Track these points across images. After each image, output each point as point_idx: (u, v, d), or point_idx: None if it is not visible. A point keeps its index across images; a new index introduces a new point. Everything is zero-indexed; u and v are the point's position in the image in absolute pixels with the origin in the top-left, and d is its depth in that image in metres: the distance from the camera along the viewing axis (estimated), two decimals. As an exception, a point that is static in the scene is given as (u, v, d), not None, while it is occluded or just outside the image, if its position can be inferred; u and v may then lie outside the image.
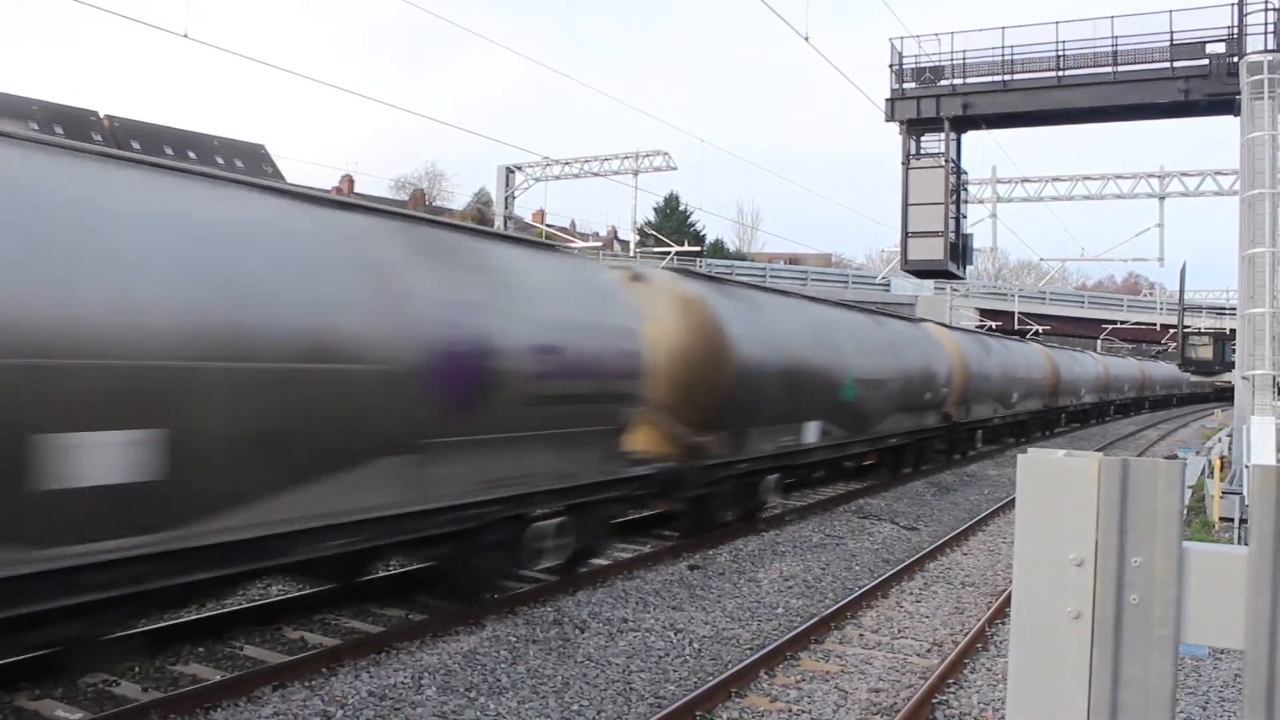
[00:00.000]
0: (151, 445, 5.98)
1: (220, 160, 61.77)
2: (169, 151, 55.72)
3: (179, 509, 6.25)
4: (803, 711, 7.57)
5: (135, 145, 55.94)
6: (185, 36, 17.76)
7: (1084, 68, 24.25)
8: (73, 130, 52.46)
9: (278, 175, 63.83)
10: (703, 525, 13.65)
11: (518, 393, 9.02)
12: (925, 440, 22.93)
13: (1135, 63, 23.74)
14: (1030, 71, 24.82)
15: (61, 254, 5.68)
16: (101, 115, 59.76)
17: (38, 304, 5.47)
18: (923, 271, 28.12)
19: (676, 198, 76.19)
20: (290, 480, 6.94)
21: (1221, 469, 16.74)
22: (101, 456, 5.74)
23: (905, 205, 25.78)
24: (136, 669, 7.82)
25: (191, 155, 58.39)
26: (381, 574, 10.52)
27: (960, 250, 26.66)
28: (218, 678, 7.60)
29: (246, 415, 6.52)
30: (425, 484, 8.15)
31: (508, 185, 36.68)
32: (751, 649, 9.03)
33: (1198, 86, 22.67)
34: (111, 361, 5.77)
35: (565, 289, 10.37)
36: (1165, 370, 68.65)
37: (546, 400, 9.47)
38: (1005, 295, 70.36)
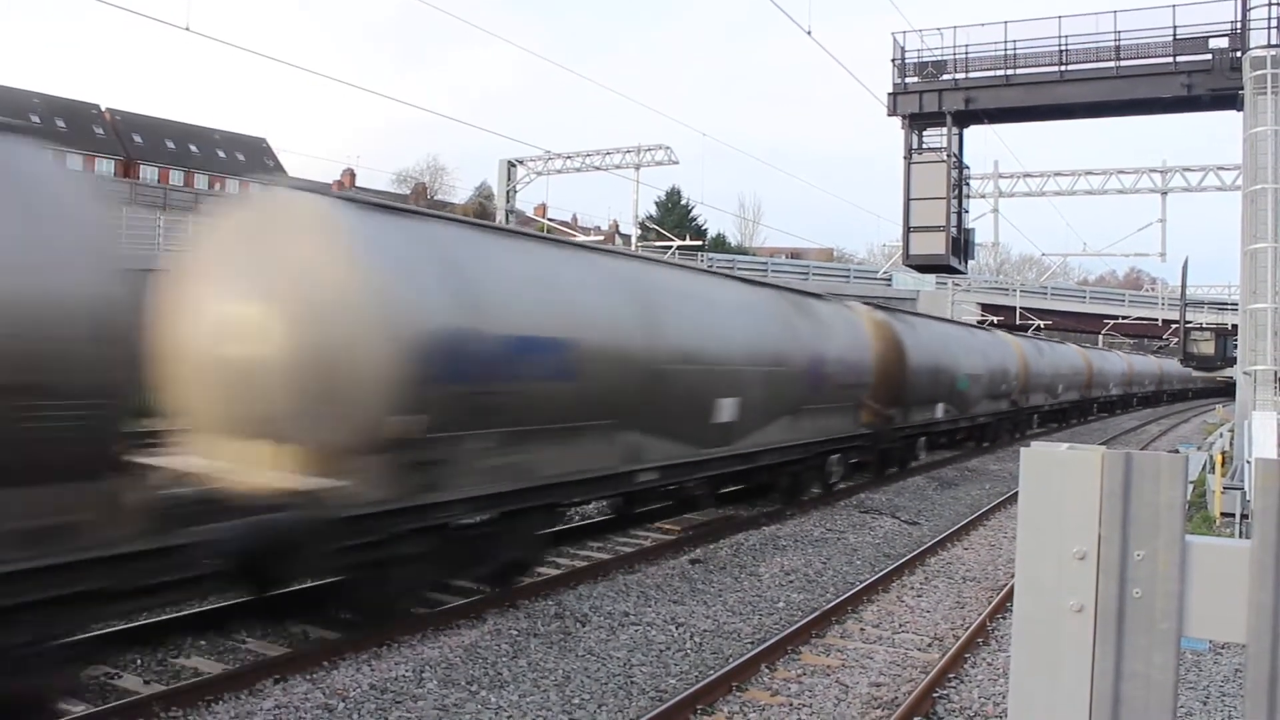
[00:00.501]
0: (737, 405, 13.22)
1: (222, 154, 61.74)
2: (170, 145, 55.68)
3: (740, 434, 13.67)
4: (803, 706, 7.58)
5: (137, 139, 55.94)
6: (187, 29, 17.76)
7: (1087, 62, 24.19)
8: (74, 124, 52.50)
9: (279, 169, 63.80)
10: (884, 467, 20.76)
11: (831, 384, 16.44)
12: (1001, 419, 30.07)
13: (1138, 57, 23.67)
14: (1033, 66, 24.77)
15: (711, 317, 13.22)
16: (103, 109, 59.74)
17: (701, 346, 12.53)
18: (924, 266, 28.11)
19: (678, 192, 76.21)
20: (770, 420, 14.62)
21: (1223, 464, 16.74)
22: (727, 408, 13.01)
23: (907, 200, 25.76)
24: (138, 661, 7.84)
25: (194, 149, 58.35)
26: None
27: (962, 245, 26.63)
28: (219, 671, 7.61)
29: (761, 390, 13.96)
30: (797, 429, 15.54)
31: (509, 179, 36.67)
32: (752, 643, 9.04)
33: (1200, 81, 22.62)
34: (727, 367, 13.12)
35: (841, 325, 17.64)
36: (1181, 366, 69.44)
37: (838, 388, 16.76)
38: (1007, 290, 70.26)
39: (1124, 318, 71.89)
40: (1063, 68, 24.35)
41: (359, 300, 8.07)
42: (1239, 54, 21.25)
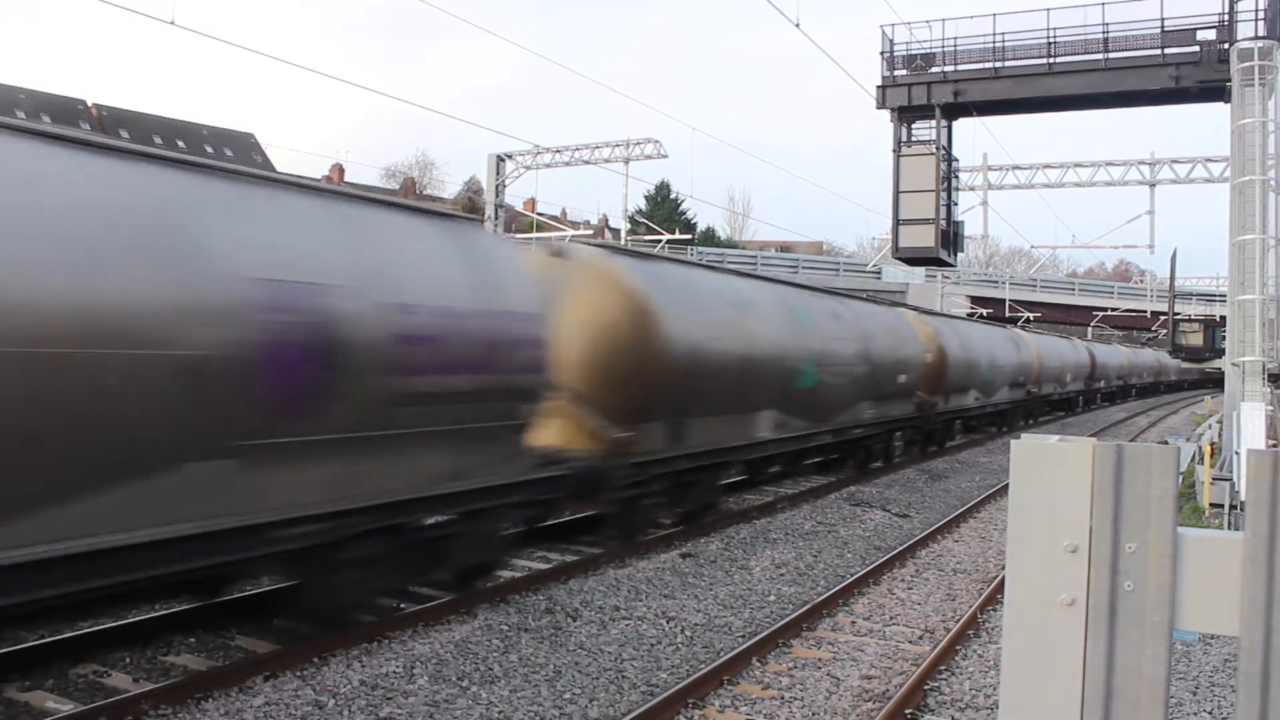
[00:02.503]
0: (837, 392, 16.77)
1: (210, 149, 61.52)
2: (157, 140, 55.45)
3: (837, 413, 17.14)
4: (795, 699, 7.58)
5: (124, 134, 55.69)
6: (172, 24, 17.65)
7: (1075, 55, 24.21)
8: (61, 119, 52.22)
9: (267, 164, 63.59)
10: (928, 444, 24.04)
11: (894, 377, 20.43)
12: (1020, 404, 34.89)
13: (1126, 50, 23.70)
14: (1021, 58, 24.78)
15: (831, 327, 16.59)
16: (89, 104, 59.43)
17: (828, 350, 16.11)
18: (914, 259, 28.14)
19: (667, 186, 76.00)
20: (855, 403, 18.64)
21: (1212, 455, 16.79)
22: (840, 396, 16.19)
23: (896, 192, 25.76)
24: (127, 659, 7.81)
25: (180, 144, 58.12)
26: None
27: (951, 237, 26.64)
28: (208, 668, 7.58)
29: (851, 381, 17.76)
30: (872, 412, 19.49)
31: (498, 174, 36.58)
32: (744, 636, 9.04)
33: (1188, 73, 22.65)
34: (834, 367, 16.75)
35: (899, 327, 20.83)
36: (1171, 358, 70.73)
37: (898, 380, 20.71)
38: (996, 282, 70.42)
39: (1113, 310, 72.05)
40: (1051, 60, 24.36)
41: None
42: (1226, 46, 21.29)
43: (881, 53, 25.93)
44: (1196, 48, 22.69)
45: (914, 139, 25.85)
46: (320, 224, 7.79)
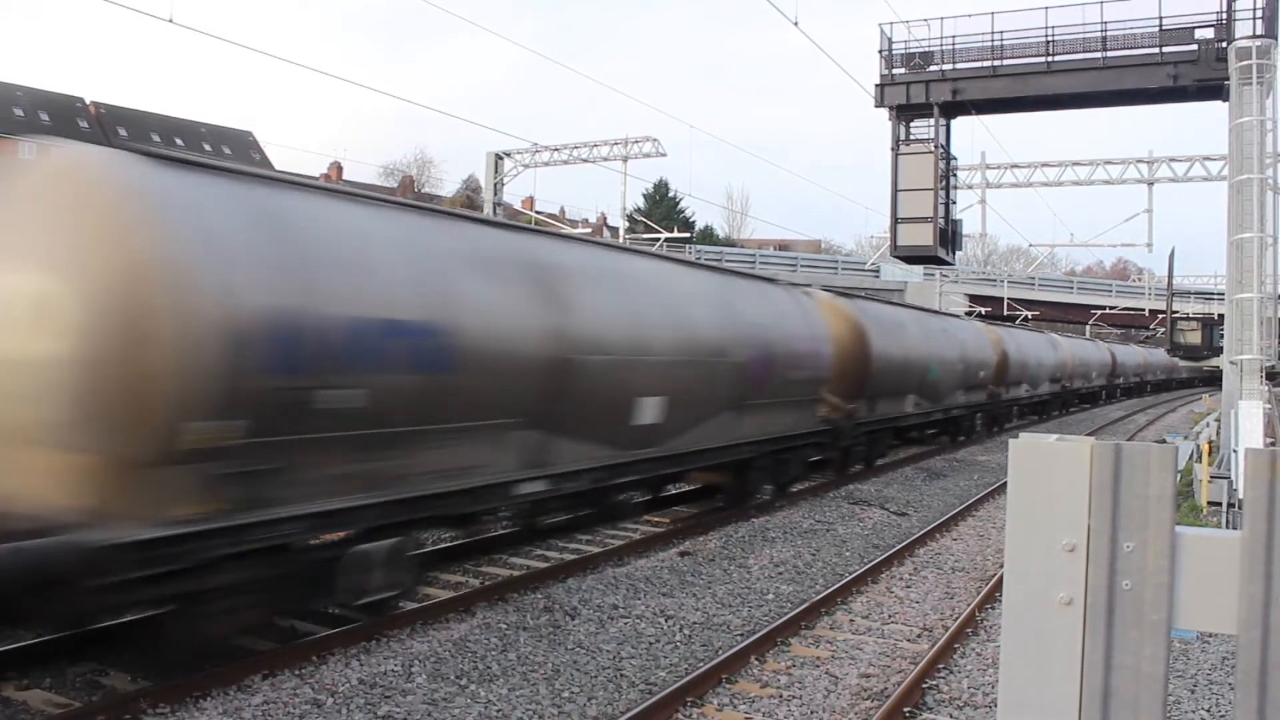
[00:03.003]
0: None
1: (208, 146, 61.46)
2: (156, 138, 55.41)
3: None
4: (793, 697, 7.59)
5: (122, 132, 55.65)
6: (170, 21, 17.63)
7: (1073, 53, 24.21)
8: (59, 117, 52.20)
9: (265, 162, 63.54)
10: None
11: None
12: (1057, 396, 40.36)
13: (1124, 48, 23.70)
14: (1020, 57, 24.78)
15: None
16: (88, 102, 59.36)
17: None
18: (912, 257, 28.15)
19: (666, 184, 76.06)
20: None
21: (1210, 453, 16.81)
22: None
23: (895, 191, 25.76)
24: (125, 658, 7.80)
25: (179, 142, 58.06)
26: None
27: (949, 236, 26.64)
28: (207, 667, 7.57)
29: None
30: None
31: (497, 172, 36.56)
32: (742, 635, 9.04)
33: (1186, 72, 22.65)
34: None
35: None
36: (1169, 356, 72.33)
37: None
38: (995, 281, 70.45)
39: (1111, 308, 72.05)
40: (1049, 59, 24.36)
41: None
42: (1224, 45, 21.29)
43: (880, 51, 25.93)
44: (1194, 46, 22.69)
45: (912, 137, 25.85)
46: (757, 296, 15.22)
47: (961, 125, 27.08)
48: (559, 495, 10.68)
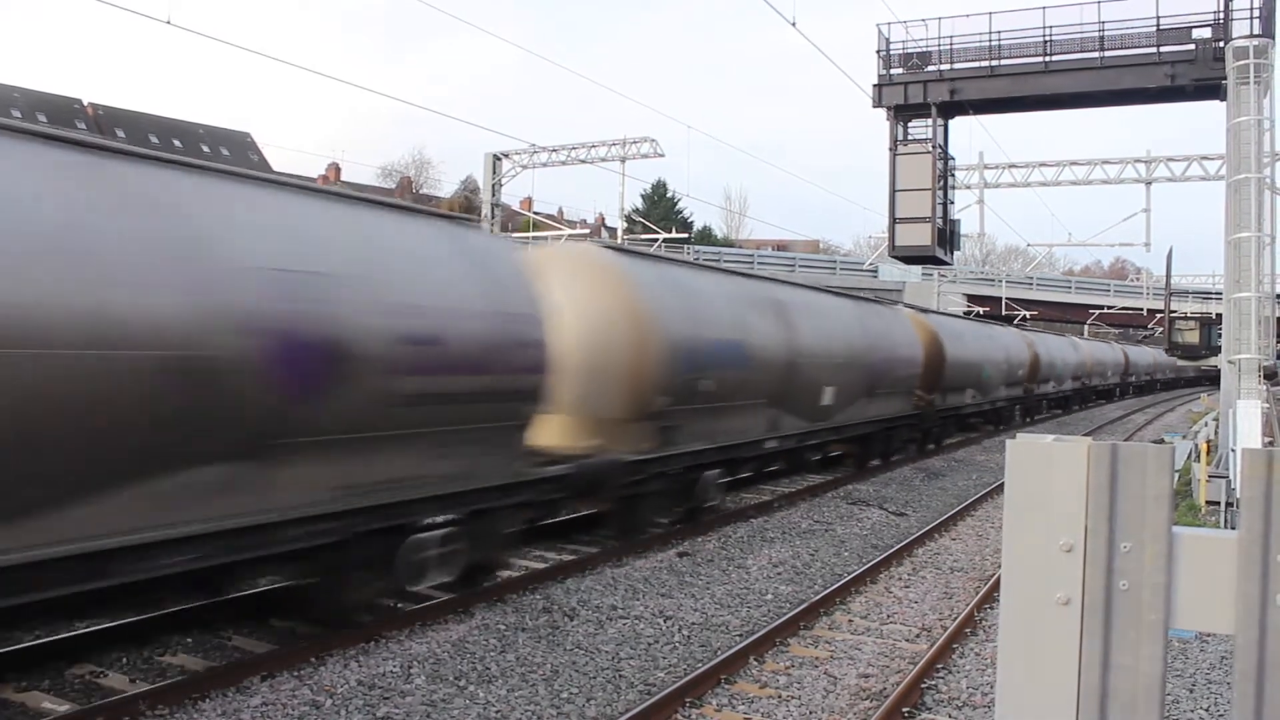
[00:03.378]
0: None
1: (206, 148, 61.42)
2: (154, 140, 55.37)
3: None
4: (792, 697, 7.59)
5: (119, 133, 55.59)
6: (168, 23, 17.63)
7: (1071, 53, 24.21)
8: (56, 118, 52.14)
9: (263, 164, 63.51)
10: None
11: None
12: (1077, 392, 45.42)
13: (1122, 48, 23.70)
14: (1017, 57, 24.78)
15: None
16: (85, 103, 59.33)
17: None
18: (910, 257, 28.13)
19: (664, 184, 76.10)
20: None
21: (1208, 453, 16.81)
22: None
23: (893, 191, 25.76)
24: (124, 660, 7.80)
25: (177, 144, 58.03)
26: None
27: (947, 236, 26.65)
28: (205, 668, 7.58)
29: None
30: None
31: (495, 173, 36.56)
32: (740, 635, 9.04)
33: (1184, 71, 22.66)
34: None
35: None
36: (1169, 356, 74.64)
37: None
38: (993, 281, 70.48)
39: (1109, 307, 72.12)
40: (1047, 58, 24.36)
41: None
42: (1222, 44, 21.30)
43: (878, 51, 25.93)
44: (1192, 46, 22.69)
45: (910, 137, 25.86)
46: (877, 315, 19.89)
47: (959, 125, 27.15)
48: (780, 451, 16.28)
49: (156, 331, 6.20)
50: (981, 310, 56.48)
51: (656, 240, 40.93)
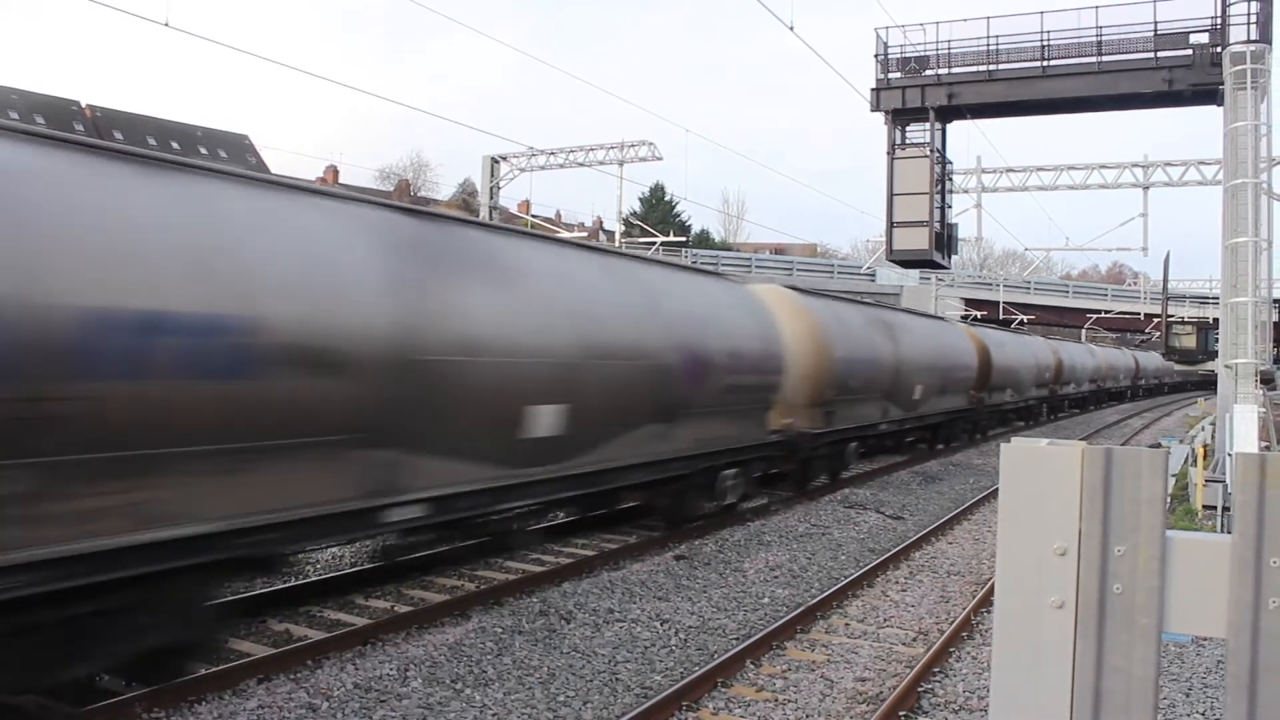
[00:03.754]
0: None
1: (204, 150, 61.42)
2: (152, 142, 55.40)
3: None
4: (789, 701, 7.59)
5: (117, 135, 55.58)
6: (166, 25, 17.63)
7: (1069, 58, 24.29)
8: (54, 120, 52.12)
9: (261, 166, 63.51)
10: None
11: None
12: (1093, 393, 50.36)
13: (1119, 53, 23.79)
14: (1015, 61, 24.86)
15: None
16: (83, 105, 59.32)
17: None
18: (908, 261, 28.19)
19: (662, 188, 76.12)
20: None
21: (1205, 457, 16.83)
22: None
23: (890, 195, 25.82)
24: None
25: (175, 146, 58.03)
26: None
27: (945, 240, 26.71)
28: (202, 671, 7.56)
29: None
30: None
31: (493, 175, 36.60)
32: (738, 639, 9.04)
33: (1181, 76, 22.73)
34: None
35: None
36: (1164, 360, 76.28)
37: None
38: (990, 285, 70.53)
39: (1107, 312, 72.24)
40: (1045, 63, 24.44)
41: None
42: (1219, 49, 21.36)
43: (875, 55, 26.00)
44: (1189, 51, 22.78)
45: (908, 142, 25.91)
46: (947, 327, 28.22)
47: (957, 129, 27.15)
48: (889, 433, 21.82)
49: (650, 351, 11.57)
50: (979, 314, 56.53)
51: (654, 244, 40.95)
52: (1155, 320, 67.12)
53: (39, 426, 5.50)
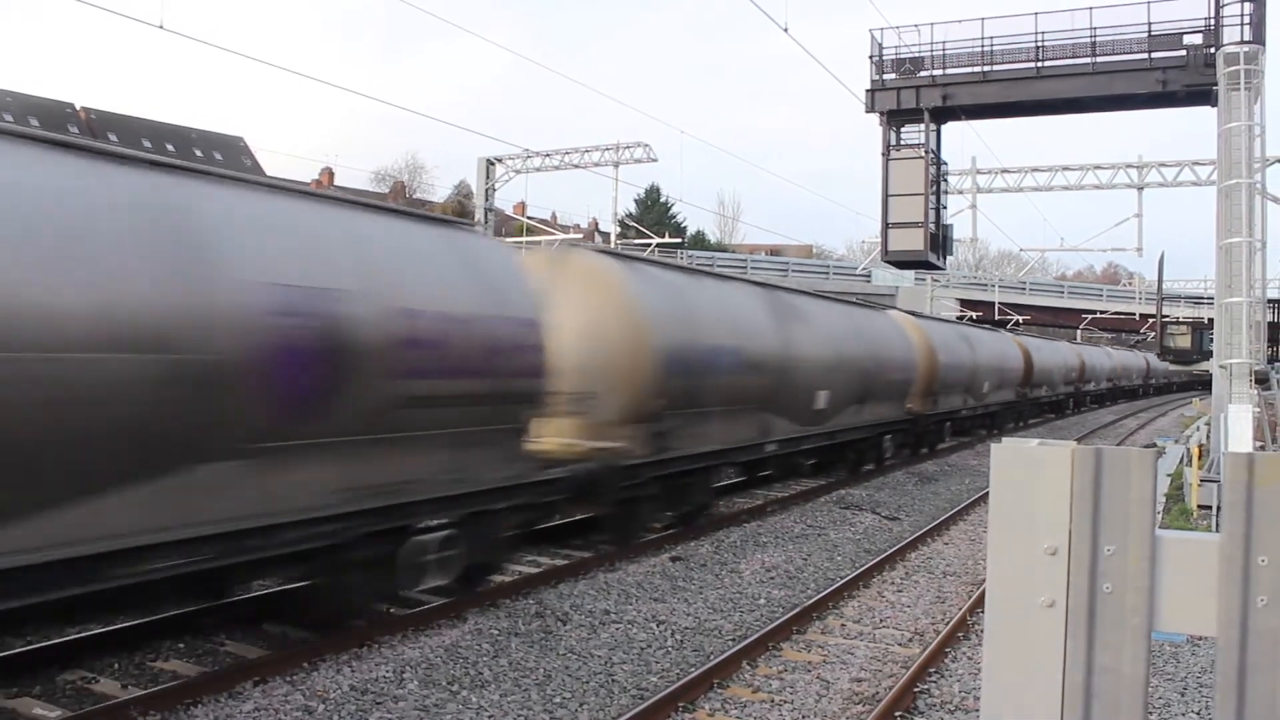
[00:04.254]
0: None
1: (199, 153, 61.36)
2: (146, 144, 55.32)
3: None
4: (785, 702, 7.60)
5: (112, 137, 55.54)
6: (160, 27, 17.62)
7: (1063, 59, 24.31)
8: (48, 123, 52.07)
9: (256, 168, 63.44)
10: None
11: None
12: (1109, 391, 55.96)
13: (1114, 54, 23.81)
14: (1010, 63, 24.87)
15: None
16: (78, 107, 59.26)
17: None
18: (903, 262, 28.22)
19: (657, 189, 76.20)
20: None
21: (1200, 457, 16.86)
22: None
23: (885, 196, 25.82)
24: (116, 665, 7.79)
25: (170, 148, 57.97)
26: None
27: (940, 241, 26.72)
28: (198, 673, 7.57)
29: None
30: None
31: (488, 177, 36.56)
32: (733, 640, 9.05)
33: (1175, 77, 22.76)
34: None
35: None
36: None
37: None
38: (985, 286, 70.59)
39: (1102, 312, 72.33)
40: (1039, 64, 24.46)
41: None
42: (1213, 50, 21.40)
43: (870, 57, 26.00)
44: (1183, 52, 22.81)
45: (903, 143, 25.92)
46: (1002, 339, 35.18)
47: (952, 130, 27.17)
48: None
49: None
50: (974, 315, 56.58)
51: (650, 245, 40.97)
52: (1150, 320, 67.17)
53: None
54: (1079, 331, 72.42)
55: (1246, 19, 21.23)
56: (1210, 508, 14.96)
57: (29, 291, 5.68)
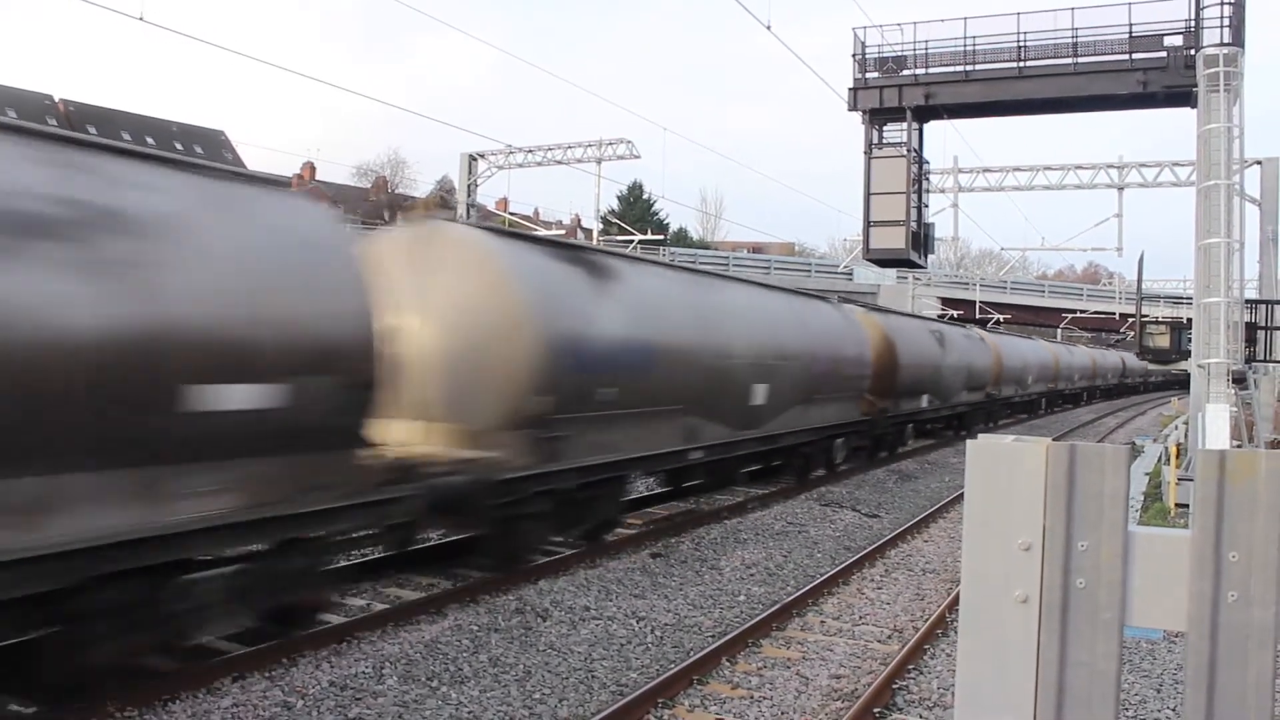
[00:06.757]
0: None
1: (179, 146, 60.96)
2: (126, 136, 54.91)
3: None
4: (764, 698, 7.62)
5: (91, 130, 55.09)
6: (140, 19, 17.50)
7: (1045, 59, 24.42)
8: (27, 114, 51.61)
9: (238, 161, 63.09)
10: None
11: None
12: (1087, 389, 57.99)
13: (1095, 54, 23.94)
14: (992, 62, 24.96)
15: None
16: (57, 100, 58.80)
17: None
18: (885, 260, 28.30)
19: (640, 186, 76.21)
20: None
21: (1178, 456, 16.98)
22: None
23: (867, 195, 25.87)
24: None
25: (150, 141, 57.56)
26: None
27: (922, 239, 26.79)
28: (176, 668, 7.52)
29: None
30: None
31: (470, 173, 36.47)
32: (713, 636, 9.07)
33: (1156, 79, 22.89)
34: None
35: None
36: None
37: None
38: (967, 284, 70.82)
39: (1082, 311, 72.66)
40: (1021, 64, 24.56)
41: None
42: (1193, 52, 21.53)
43: (853, 55, 26.05)
44: (1164, 53, 22.94)
45: (885, 141, 25.99)
46: (994, 343, 35.34)
47: (934, 129, 27.25)
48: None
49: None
50: (956, 313, 56.80)
51: (633, 241, 40.95)
52: (1130, 320, 67.56)
53: None
54: (1059, 331, 72.79)
55: (1226, 21, 21.37)
56: (1188, 506, 15.07)
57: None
